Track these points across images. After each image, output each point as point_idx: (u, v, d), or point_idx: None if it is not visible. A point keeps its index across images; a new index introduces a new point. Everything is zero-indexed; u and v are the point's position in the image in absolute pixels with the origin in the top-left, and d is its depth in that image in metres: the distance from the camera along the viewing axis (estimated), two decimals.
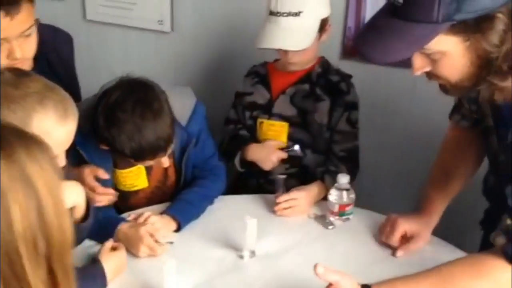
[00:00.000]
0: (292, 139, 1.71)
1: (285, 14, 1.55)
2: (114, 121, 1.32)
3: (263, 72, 1.78)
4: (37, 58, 1.36)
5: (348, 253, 1.36)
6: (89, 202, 1.24)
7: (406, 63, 1.00)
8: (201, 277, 1.25)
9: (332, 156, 1.69)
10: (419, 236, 1.34)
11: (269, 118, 1.73)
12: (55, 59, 1.13)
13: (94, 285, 1.21)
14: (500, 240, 0.93)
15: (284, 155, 1.69)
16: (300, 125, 1.70)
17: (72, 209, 1.18)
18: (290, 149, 1.70)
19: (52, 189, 0.72)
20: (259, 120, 1.74)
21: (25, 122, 1.03)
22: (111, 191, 1.44)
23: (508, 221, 0.96)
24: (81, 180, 1.34)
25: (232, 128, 1.80)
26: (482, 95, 1.00)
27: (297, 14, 1.54)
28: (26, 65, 1.34)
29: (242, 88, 1.80)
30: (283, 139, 1.71)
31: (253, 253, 1.34)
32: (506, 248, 0.94)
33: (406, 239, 1.35)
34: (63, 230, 0.73)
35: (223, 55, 2.24)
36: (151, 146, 1.33)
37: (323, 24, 1.62)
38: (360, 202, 1.54)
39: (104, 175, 1.41)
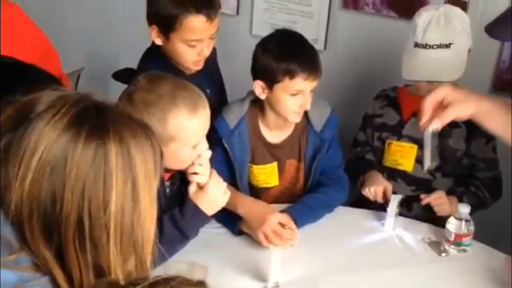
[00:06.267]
0: (420, 161, 1.70)
1: (435, 46, 1.57)
2: None
3: (393, 95, 1.82)
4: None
5: (454, 284, 1.36)
6: None
7: None
8: None
9: (476, 181, 1.72)
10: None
11: (398, 140, 1.76)
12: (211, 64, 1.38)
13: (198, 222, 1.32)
14: None
15: (386, 193, 1.62)
16: None
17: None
18: (395, 195, 1.58)
19: (149, 178, 0.72)
20: (388, 141, 1.78)
21: (162, 122, 1.20)
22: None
23: None
24: (264, 215, 1.43)
25: (359, 150, 1.85)
26: None
27: (447, 46, 1.57)
28: (201, 63, 1.57)
29: (371, 110, 1.84)
30: (411, 161, 1.74)
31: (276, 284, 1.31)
32: None
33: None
34: (152, 220, 0.73)
35: (364, 77, 2.30)
36: None
37: None
38: (485, 238, 1.51)
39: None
